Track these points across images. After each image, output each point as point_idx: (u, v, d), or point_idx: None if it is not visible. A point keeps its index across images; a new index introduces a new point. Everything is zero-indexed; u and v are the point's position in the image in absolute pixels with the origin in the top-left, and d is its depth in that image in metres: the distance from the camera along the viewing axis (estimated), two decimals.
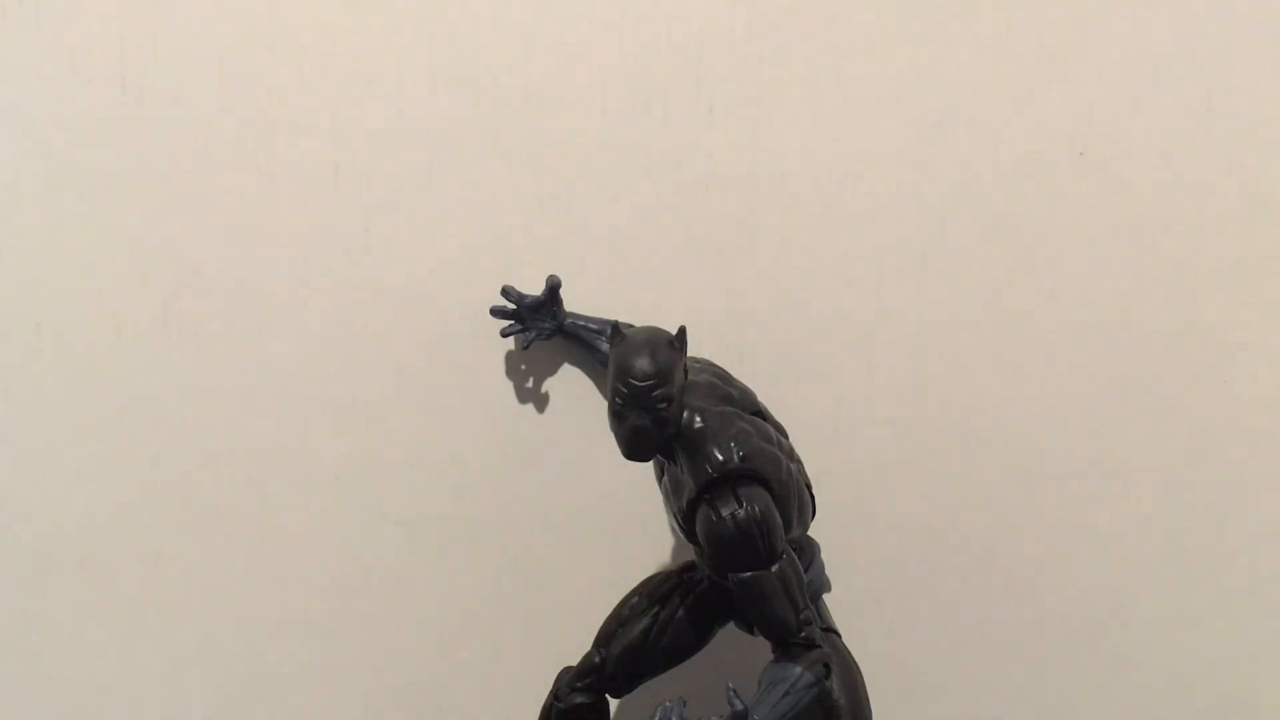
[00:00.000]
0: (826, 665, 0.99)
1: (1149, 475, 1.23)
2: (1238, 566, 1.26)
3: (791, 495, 1.03)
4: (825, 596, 1.11)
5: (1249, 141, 1.17)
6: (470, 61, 1.14)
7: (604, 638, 1.12)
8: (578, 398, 1.20)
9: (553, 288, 1.14)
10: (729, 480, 0.98)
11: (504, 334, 1.16)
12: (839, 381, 1.20)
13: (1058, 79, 1.15)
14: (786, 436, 1.07)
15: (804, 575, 1.02)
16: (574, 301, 1.17)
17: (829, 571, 1.12)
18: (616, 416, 0.98)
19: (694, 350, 1.09)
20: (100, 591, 1.23)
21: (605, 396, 1.04)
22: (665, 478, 1.05)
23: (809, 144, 1.16)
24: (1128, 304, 1.20)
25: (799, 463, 1.07)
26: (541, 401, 1.20)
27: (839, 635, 1.06)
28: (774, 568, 0.98)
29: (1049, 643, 1.27)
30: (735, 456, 0.98)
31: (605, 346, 1.10)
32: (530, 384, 1.20)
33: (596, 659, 1.11)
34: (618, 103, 1.15)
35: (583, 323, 1.16)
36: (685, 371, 1.01)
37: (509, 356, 1.19)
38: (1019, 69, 1.15)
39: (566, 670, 1.14)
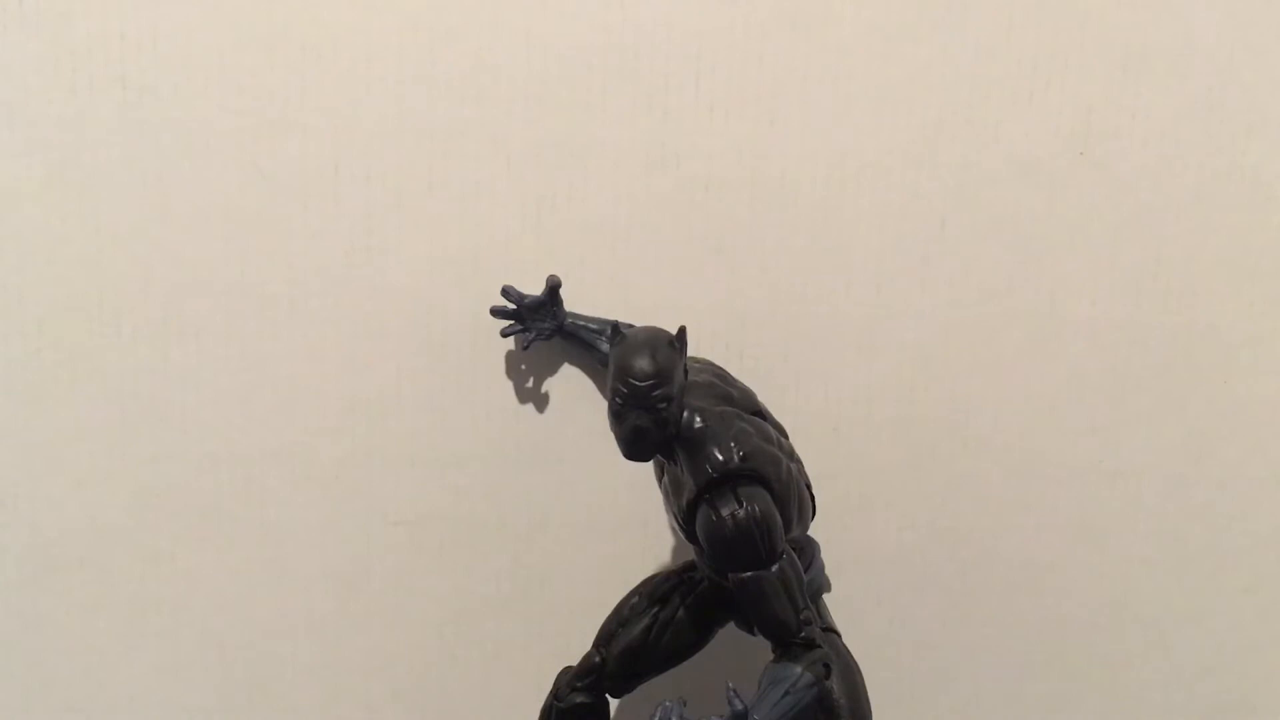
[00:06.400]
0: (826, 665, 0.99)
1: (1149, 475, 1.23)
2: (1238, 566, 1.26)
3: (791, 495, 1.02)
4: (825, 596, 1.11)
5: (1249, 141, 1.17)
6: (470, 61, 1.13)
7: (604, 638, 1.12)
8: (578, 398, 1.20)
9: (553, 288, 1.14)
10: (729, 480, 0.98)
11: (504, 334, 1.16)
12: (839, 381, 1.20)
13: (1058, 79, 1.15)
14: (786, 436, 1.07)
15: (804, 575, 1.02)
16: (574, 301, 1.17)
17: (829, 571, 1.12)
18: (616, 416, 0.98)
19: (694, 350, 1.09)
20: (100, 591, 1.23)
21: (605, 396, 1.04)
22: (665, 478, 1.05)
23: (809, 143, 1.16)
24: (1128, 304, 1.20)
25: (799, 463, 1.07)
26: (541, 401, 1.20)
27: (839, 635, 1.06)
28: (774, 568, 0.98)
29: (1049, 642, 1.27)
30: (735, 456, 0.98)
31: (605, 346, 1.10)
32: (530, 384, 1.20)
33: (596, 659, 1.11)
34: (618, 103, 1.14)
35: (583, 323, 1.16)
36: (685, 371, 1.01)
37: (509, 356, 1.19)
38: (1019, 69, 1.15)
39: (566, 670, 1.14)
